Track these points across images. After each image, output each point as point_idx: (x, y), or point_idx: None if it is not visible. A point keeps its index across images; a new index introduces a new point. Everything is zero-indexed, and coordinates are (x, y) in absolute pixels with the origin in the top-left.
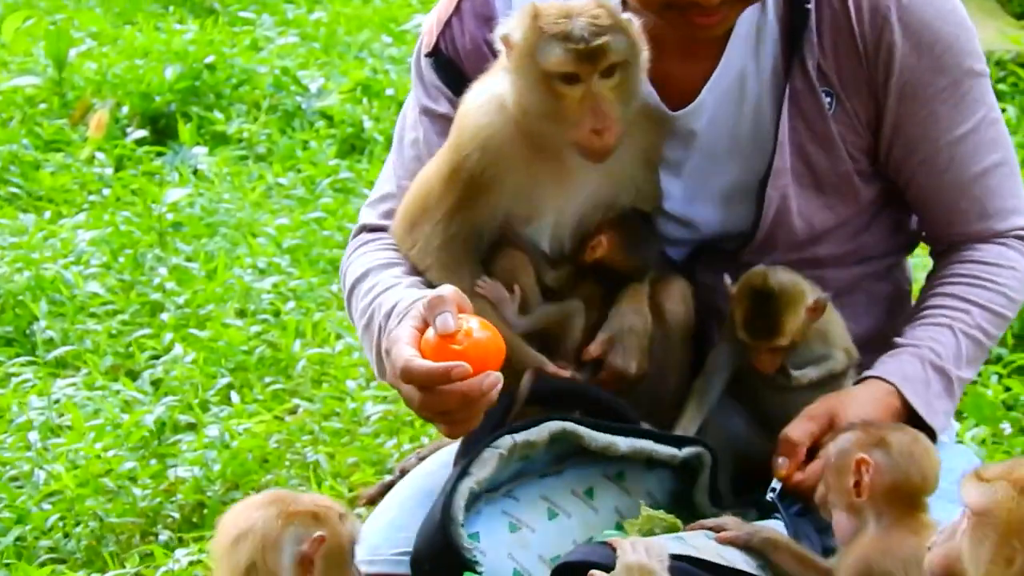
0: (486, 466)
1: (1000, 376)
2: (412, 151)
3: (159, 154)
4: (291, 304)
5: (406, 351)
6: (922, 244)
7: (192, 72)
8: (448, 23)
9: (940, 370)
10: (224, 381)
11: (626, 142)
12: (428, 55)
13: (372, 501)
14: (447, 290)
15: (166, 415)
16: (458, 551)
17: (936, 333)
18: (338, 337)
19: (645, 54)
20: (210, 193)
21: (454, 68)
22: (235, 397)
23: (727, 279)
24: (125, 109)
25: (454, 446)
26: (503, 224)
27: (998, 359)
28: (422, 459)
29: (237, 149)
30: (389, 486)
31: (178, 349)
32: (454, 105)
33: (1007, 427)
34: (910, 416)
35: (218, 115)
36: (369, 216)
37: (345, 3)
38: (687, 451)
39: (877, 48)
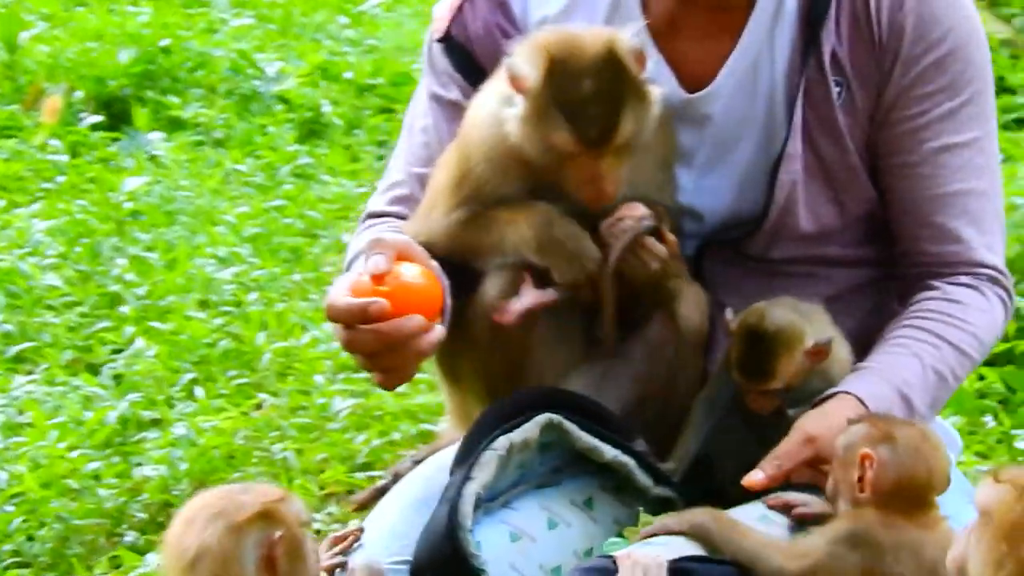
0: (486, 469)
1: None
2: (422, 137)
3: (114, 140)
4: (253, 295)
5: (337, 291)
6: None
7: (147, 56)
8: (460, 8)
9: (906, 399)
10: (188, 376)
11: (644, 150)
12: (439, 40)
13: (364, 506)
14: (394, 235)
15: (129, 411)
16: (466, 558)
17: (906, 362)
18: (303, 329)
19: (656, 103)
20: (168, 180)
21: (466, 54)
22: (199, 392)
23: (728, 313)
24: (79, 94)
25: (450, 450)
26: None
27: None
28: (416, 463)
29: (194, 134)
30: (382, 491)
31: (140, 343)
32: (465, 92)
33: (990, 420)
34: None
35: (174, 99)
36: (377, 203)
37: None
38: (659, 491)
39: (889, 36)
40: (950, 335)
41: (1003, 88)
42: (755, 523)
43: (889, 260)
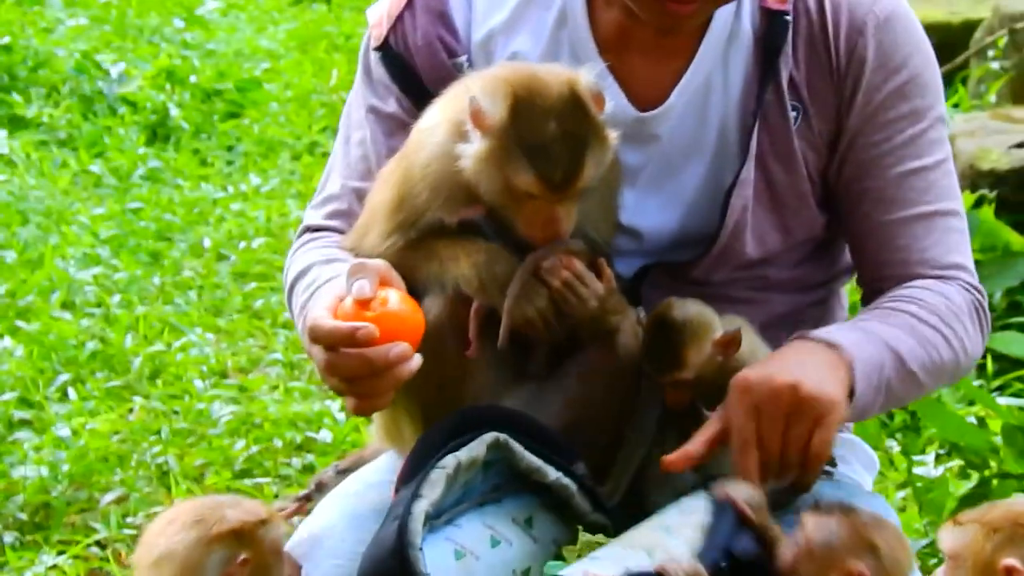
0: (436, 487)
1: None
2: (358, 151)
3: None
4: (116, 297)
5: (319, 312)
6: None
7: None
8: (400, 17)
9: (875, 339)
10: (63, 378)
11: (592, 193)
12: (376, 49)
13: (289, 517)
14: (374, 261)
15: (1, 411)
16: None
17: (873, 324)
18: (173, 331)
19: (612, 147)
20: (17, 179)
21: (404, 66)
22: (72, 394)
23: (640, 312)
24: None
25: (376, 466)
26: None
27: None
28: (340, 472)
29: (37, 133)
30: (306, 498)
31: (7, 342)
32: (402, 104)
33: (893, 444)
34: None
35: (16, 98)
36: (313, 217)
37: None
38: (596, 517)
39: (849, 63)
40: (915, 311)
41: None
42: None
43: (826, 282)
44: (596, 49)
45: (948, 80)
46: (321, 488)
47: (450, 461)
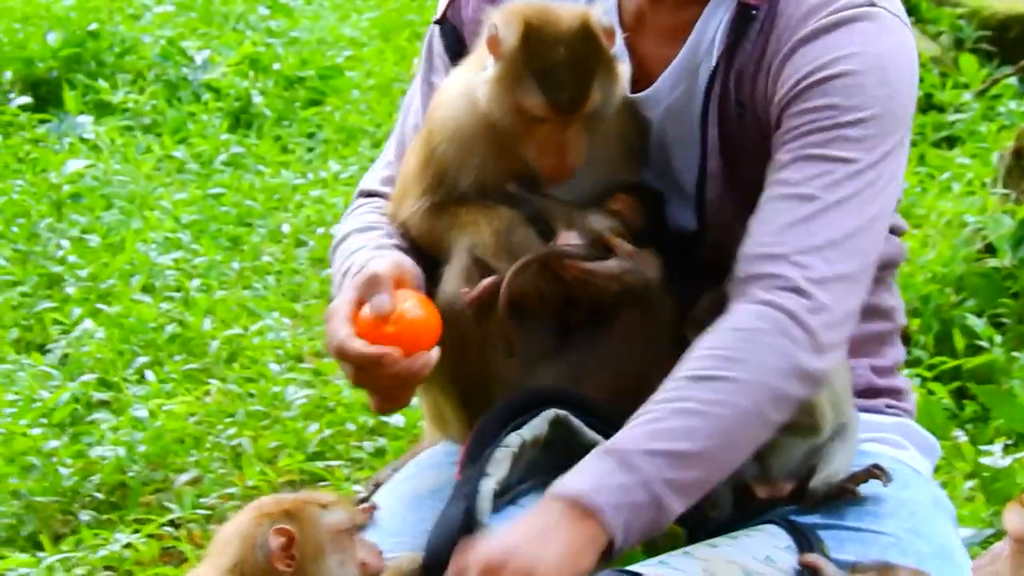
0: (501, 465)
1: (923, 379)
2: (413, 120)
3: (41, 121)
4: (196, 281)
5: (341, 329)
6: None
7: (75, 39)
8: None
9: (671, 456)
10: (142, 360)
11: (606, 131)
12: (437, 22)
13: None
14: (383, 267)
15: (81, 392)
16: None
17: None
18: (251, 316)
19: (625, 75)
20: (102, 164)
21: (457, 37)
22: (150, 376)
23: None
24: (7, 75)
25: (430, 451)
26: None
27: (918, 362)
28: (396, 470)
29: (123, 119)
30: (362, 501)
31: (88, 324)
32: None
33: (961, 435)
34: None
35: (102, 83)
36: (368, 181)
37: None
38: None
39: (782, 62)
40: (690, 374)
41: (932, 105)
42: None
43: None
44: (619, 26)
45: None
46: (378, 487)
47: (514, 440)
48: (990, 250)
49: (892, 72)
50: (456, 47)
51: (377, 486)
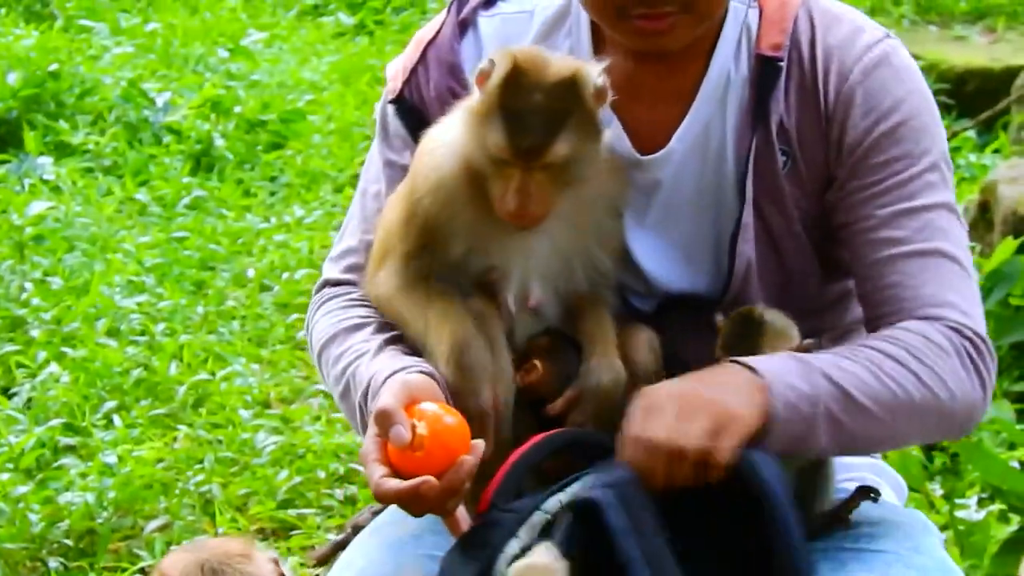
0: (533, 531)
1: None
2: (375, 204)
3: (0, 162)
4: (161, 326)
5: (376, 471)
6: None
7: (35, 79)
8: (413, 70)
9: (841, 391)
10: (109, 405)
11: (592, 192)
12: (392, 102)
13: (323, 561)
14: (389, 401)
15: (47, 437)
16: None
17: (851, 357)
18: (217, 361)
19: (604, 143)
20: (63, 206)
21: (419, 117)
22: (117, 421)
23: (718, 316)
24: None
25: None
26: (472, 273)
27: None
28: (375, 513)
29: (83, 160)
30: (342, 545)
31: (53, 368)
32: None
33: (936, 488)
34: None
35: (63, 124)
36: (331, 271)
37: (174, 14)
38: None
39: (835, 109)
40: (880, 347)
41: None
42: None
43: (851, 327)
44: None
45: (989, 126)
46: (357, 530)
47: (553, 504)
48: None
49: (933, 102)
50: (419, 128)
51: (356, 529)
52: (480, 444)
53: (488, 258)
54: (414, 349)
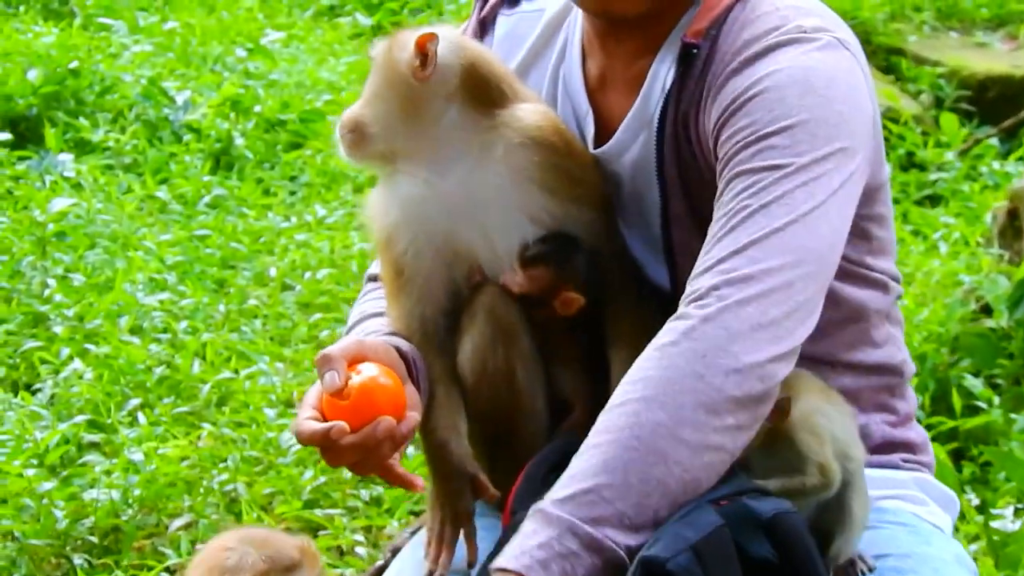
0: None
1: None
2: None
3: (21, 158)
4: (183, 324)
5: (303, 413)
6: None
7: (56, 76)
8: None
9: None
10: (133, 402)
11: (498, 167)
12: None
13: None
14: (337, 347)
15: (71, 434)
16: None
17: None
18: (240, 359)
19: (588, 132)
20: (85, 202)
21: None
22: (142, 418)
23: None
24: None
25: None
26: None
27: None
28: (413, 534)
29: (103, 158)
30: (381, 570)
31: (76, 364)
32: None
33: (971, 497)
34: None
35: (83, 122)
36: (375, 266)
37: (191, 13)
38: None
39: (716, 102)
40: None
41: (913, 164)
42: None
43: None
44: (585, 89)
45: (1012, 133)
46: (396, 553)
47: None
48: (986, 310)
49: (819, 82)
50: None
51: (394, 552)
52: (413, 416)
53: (454, 258)
54: None
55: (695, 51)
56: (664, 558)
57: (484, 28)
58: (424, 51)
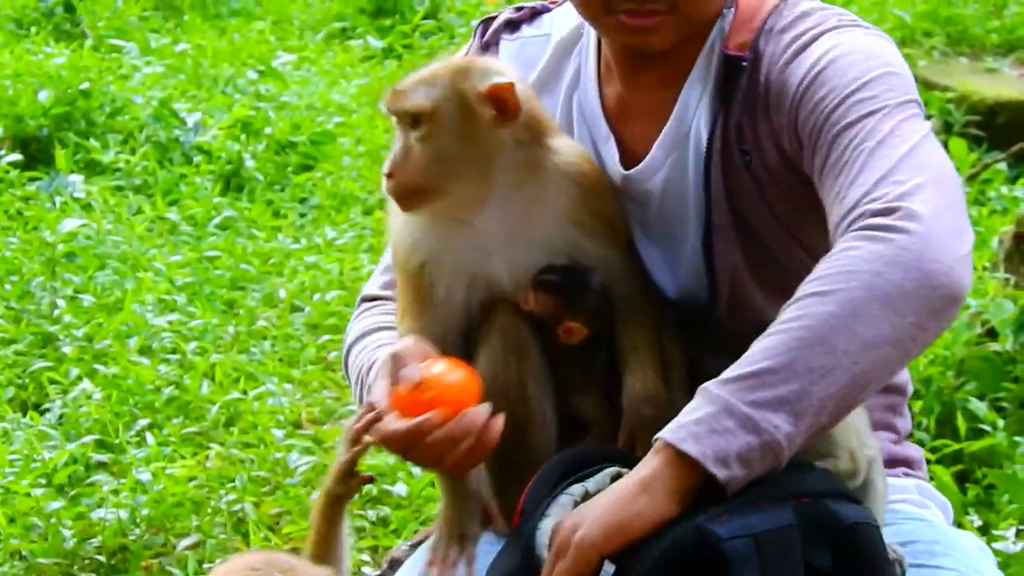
0: (564, 510)
1: (927, 462)
2: None
3: (31, 179)
4: (192, 344)
5: (387, 415)
6: None
7: (66, 97)
8: None
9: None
10: (142, 422)
11: (538, 202)
12: None
13: None
14: (402, 345)
15: (79, 453)
16: None
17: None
18: (248, 380)
19: (613, 157)
20: (95, 223)
21: None
22: (150, 438)
23: None
24: None
25: None
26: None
27: (919, 444)
28: (413, 547)
29: (113, 179)
30: None
31: (85, 384)
32: None
33: (975, 519)
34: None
35: (93, 143)
36: (371, 287)
37: (203, 35)
38: None
39: (779, 97)
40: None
41: None
42: None
43: None
44: (603, 116)
45: (1021, 159)
46: (394, 565)
47: (577, 489)
48: (991, 334)
49: (876, 50)
50: None
51: (393, 562)
52: (487, 407)
53: (473, 283)
54: None
55: (743, 64)
56: (723, 537)
57: (486, 53)
58: (502, 99)
